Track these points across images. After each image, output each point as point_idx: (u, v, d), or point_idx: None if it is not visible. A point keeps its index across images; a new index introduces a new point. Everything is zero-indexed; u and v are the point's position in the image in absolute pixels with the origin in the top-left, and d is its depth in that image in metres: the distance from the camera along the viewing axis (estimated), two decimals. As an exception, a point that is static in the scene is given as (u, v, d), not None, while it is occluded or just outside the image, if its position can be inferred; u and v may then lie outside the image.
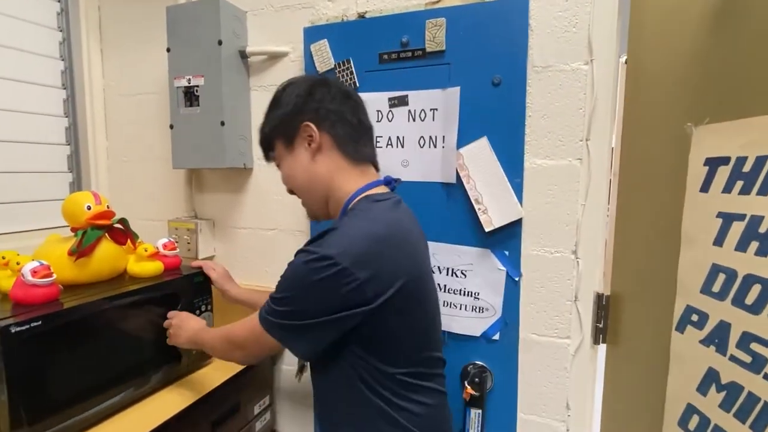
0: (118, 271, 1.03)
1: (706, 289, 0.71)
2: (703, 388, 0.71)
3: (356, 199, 0.76)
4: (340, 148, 0.78)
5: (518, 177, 1.03)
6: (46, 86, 1.37)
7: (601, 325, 1.03)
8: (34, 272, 0.82)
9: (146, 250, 1.04)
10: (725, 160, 0.68)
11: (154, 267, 1.05)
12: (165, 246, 1.10)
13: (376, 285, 0.67)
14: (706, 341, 0.71)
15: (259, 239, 1.34)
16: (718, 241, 0.69)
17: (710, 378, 0.70)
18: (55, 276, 0.86)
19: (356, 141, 0.80)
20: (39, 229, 1.33)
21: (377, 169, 0.85)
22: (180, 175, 1.41)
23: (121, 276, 1.04)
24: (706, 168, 0.71)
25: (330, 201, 0.81)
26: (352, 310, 0.66)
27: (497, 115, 1.03)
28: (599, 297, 1.02)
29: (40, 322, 0.79)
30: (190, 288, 1.10)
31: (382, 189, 0.80)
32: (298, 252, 0.70)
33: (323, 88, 0.79)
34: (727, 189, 0.67)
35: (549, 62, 1.00)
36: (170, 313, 1.04)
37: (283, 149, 0.82)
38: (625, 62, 0.99)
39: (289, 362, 1.36)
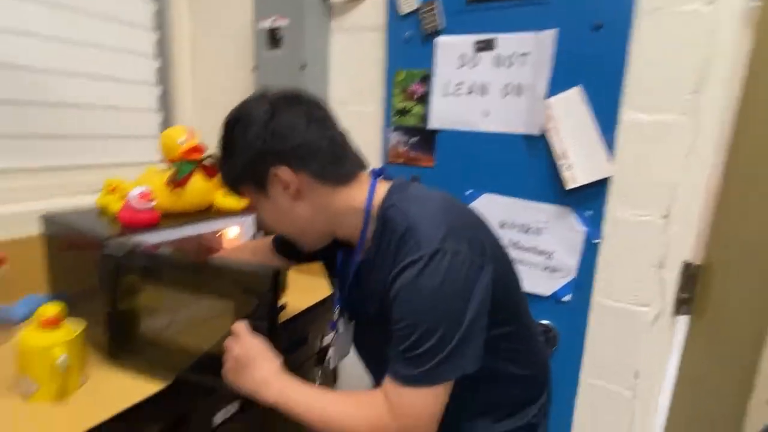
0: (207, 203, 1.10)
1: (830, 263, 0.64)
2: (808, 368, 0.66)
3: (377, 201, 0.67)
4: (324, 179, 0.66)
5: (611, 132, 0.96)
6: (138, 27, 1.45)
7: (686, 296, 0.97)
8: (141, 196, 0.89)
9: (231, 186, 1.11)
10: None
11: (239, 202, 1.11)
12: (247, 184, 1.16)
13: (480, 245, 0.61)
14: (820, 319, 0.65)
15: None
16: None
17: (820, 358, 0.64)
18: (156, 201, 0.94)
19: (338, 162, 0.67)
20: (133, 164, 1.44)
21: (365, 165, 0.72)
22: (259, 118, 1.45)
23: (209, 208, 1.12)
24: None
25: (340, 226, 0.71)
26: (484, 282, 0.59)
27: (594, 63, 0.95)
28: (688, 266, 0.96)
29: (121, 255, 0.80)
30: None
31: (383, 182, 0.70)
32: (403, 272, 0.58)
33: (283, 116, 0.65)
34: None
35: (661, 3, 0.89)
36: (235, 327, 0.71)
37: (254, 194, 0.70)
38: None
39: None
